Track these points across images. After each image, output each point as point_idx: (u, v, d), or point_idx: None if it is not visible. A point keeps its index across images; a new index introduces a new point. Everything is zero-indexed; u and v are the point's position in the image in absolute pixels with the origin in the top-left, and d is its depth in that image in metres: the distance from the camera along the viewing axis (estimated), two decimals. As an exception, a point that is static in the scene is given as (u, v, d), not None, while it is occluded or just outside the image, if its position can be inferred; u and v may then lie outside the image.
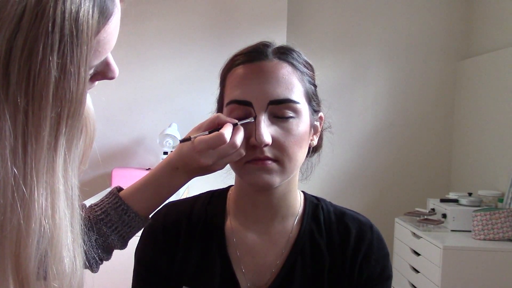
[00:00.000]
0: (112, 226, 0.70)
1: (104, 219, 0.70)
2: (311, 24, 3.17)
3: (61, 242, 0.40)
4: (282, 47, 0.75)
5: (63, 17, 0.37)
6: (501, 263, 2.18)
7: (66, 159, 0.40)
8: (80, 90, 0.40)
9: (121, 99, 2.84)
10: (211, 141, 0.65)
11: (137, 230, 0.73)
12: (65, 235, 0.41)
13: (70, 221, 0.42)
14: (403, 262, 2.64)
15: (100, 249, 0.70)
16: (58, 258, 0.40)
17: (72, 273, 0.41)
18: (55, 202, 0.40)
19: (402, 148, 3.22)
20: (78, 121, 0.41)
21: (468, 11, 3.19)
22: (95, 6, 0.39)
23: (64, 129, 0.39)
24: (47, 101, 0.37)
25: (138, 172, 2.73)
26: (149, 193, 0.72)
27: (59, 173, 0.40)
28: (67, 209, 0.41)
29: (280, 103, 0.69)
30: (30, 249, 0.38)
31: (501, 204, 2.50)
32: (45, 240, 0.39)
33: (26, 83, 0.36)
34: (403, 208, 2.89)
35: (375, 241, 0.77)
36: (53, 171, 0.39)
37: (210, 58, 2.80)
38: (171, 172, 0.71)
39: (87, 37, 0.39)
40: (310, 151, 0.79)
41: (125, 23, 2.08)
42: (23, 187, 0.37)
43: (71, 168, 0.41)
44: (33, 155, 0.38)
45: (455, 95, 3.22)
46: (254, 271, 0.76)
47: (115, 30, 0.44)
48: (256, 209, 0.77)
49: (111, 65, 0.48)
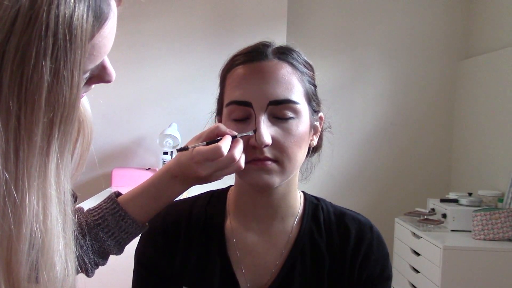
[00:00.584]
0: (109, 232, 0.69)
1: (101, 224, 0.69)
2: (311, 24, 3.16)
3: (52, 247, 0.40)
4: (282, 47, 0.75)
5: (57, 21, 0.36)
6: (501, 263, 2.18)
7: (59, 164, 0.40)
8: (74, 95, 0.39)
9: (121, 99, 2.84)
10: (208, 154, 0.64)
11: (134, 236, 0.73)
12: (57, 240, 0.40)
13: (62, 227, 0.41)
14: (403, 262, 2.64)
15: (96, 254, 0.69)
16: (50, 264, 0.40)
17: (63, 278, 0.41)
18: (47, 207, 0.39)
19: (402, 148, 3.22)
20: (71, 126, 0.40)
21: (468, 11, 3.19)
22: (90, 10, 0.39)
23: (57, 134, 0.39)
24: (40, 105, 0.37)
25: (138, 172, 2.73)
26: (147, 199, 0.72)
27: (51, 178, 0.39)
28: (59, 214, 0.41)
29: (280, 104, 0.69)
30: (21, 255, 0.38)
31: (501, 204, 2.50)
32: (36, 246, 0.39)
33: (18, 87, 0.36)
34: (403, 208, 2.89)
35: (375, 241, 0.77)
36: (45, 176, 0.39)
37: (210, 58, 2.80)
38: (170, 180, 0.71)
39: (81, 42, 0.38)
40: (310, 151, 0.79)
41: (125, 23, 2.08)
42: (14, 193, 0.37)
43: (63, 174, 0.41)
44: (25, 160, 0.37)
45: (455, 95, 3.22)
46: (254, 271, 0.76)
47: (111, 34, 0.43)
48: (256, 209, 0.77)
49: (108, 69, 0.47)
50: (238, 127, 0.70)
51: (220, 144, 0.64)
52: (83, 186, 2.63)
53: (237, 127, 0.70)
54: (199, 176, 0.67)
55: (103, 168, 2.81)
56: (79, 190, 0.62)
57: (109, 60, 0.47)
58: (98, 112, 2.88)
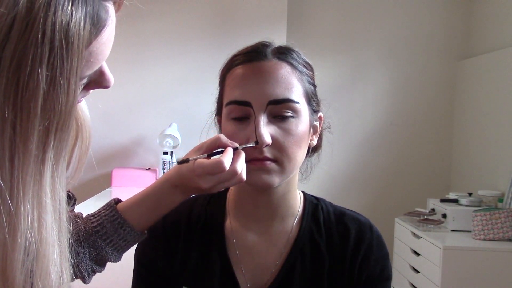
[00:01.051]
0: (107, 239, 0.69)
1: (100, 231, 0.69)
2: (311, 24, 3.17)
3: (47, 256, 0.40)
4: (281, 47, 0.75)
5: (53, 29, 0.36)
6: (501, 263, 2.18)
7: (54, 172, 0.40)
8: (70, 103, 0.39)
9: (121, 99, 2.84)
10: (210, 168, 0.64)
11: (132, 244, 0.72)
12: (52, 249, 0.40)
13: (57, 235, 0.41)
14: (403, 262, 2.64)
15: (93, 262, 0.69)
16: (45, 272, 0.40)
17: (58, 287, 0.41)
18: (42, 216, 0.39)
19: (402, 148, 3.22)
20: (66, 134, 0.40)
21: (468, 11, 3.19)
22: (87, 17, 0.38)
23: (52, 142, 0.39)
24: (35, 113, 0.37)
25: (138, 172, 2.73)
26: (147, 208, 0.71)
27: (47, 186, 0.39)
28: (55, 223, 0.41)
29: (279, 103, 0.69)
30: (16, 263, 0.38)
31: (501, 204, 2.50)
32: (31, 254, 0.38)
33: (14, 95, 0.36)
34: (403, 208, 2.89)
35: (375, 241, 0.77)
36: (40, 184, 0.38)
37: (210, 58, 2.80)
38: (170, 189, 0.70)
39: (78, 49, 0.38)
40: (310, 151, 0.79)
41: (126, 23, 2.08)
42: (9, 201, 0.36)
43: (58, 181, 0.40)
44: (20, 168, 0.37)
45: (455, 95, 3.22)
46: (253, 271, 0.76)
47: (108, 40, 0.43)
48: (255, 209, 0.77)
49: (106, 75, 0.47)
50: (238, 127, 0.70)
51: (222, 159, 0.63)
52: (83, 186, 2.63)
53: (236, 127, 0.70)
54: (200, 188, 0.67)
55: (103, 168, 2.81)
56: (79, 190, 0.62)
57: (107, 66, 0.46)
58: (98, 112, 2.88)
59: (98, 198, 2.33)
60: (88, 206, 1.93)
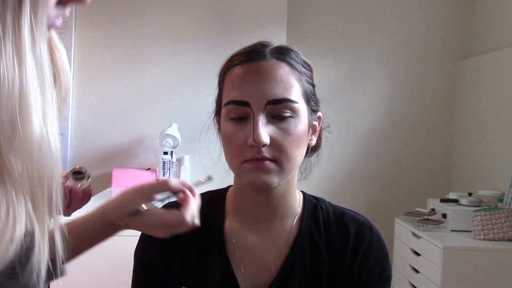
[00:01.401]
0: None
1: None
2: (311, 24, 3.17)
3: (29, 102, 0.38)
4: (280, 47, 0.75)
5: None
6: (501, 263, 2.18)
7: (32, 20, 0.38)
8: None
9: (121, 99, 2.84)
10: (173, 223, 0.68)
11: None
12: (34, 98, 0.38)
13: (39, 88, 0.39)
14: (403, 262, 2.64)
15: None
16: (27, 120, 0.38)
17: (41, 139, 0.39)
18: (22, 62, 0.37)
19: (402, 148, 3.22)
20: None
21: (468, 11, 3.19)
22: None
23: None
24: None
25: (138, 172, 2.73)
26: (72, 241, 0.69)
27: (25, 33, 0.37)
28: (36, 72, 0.39)
29: (278, 103, 0.69)
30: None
31: (501, 204, 2.50)
32: (14, 98, 0.37)
33: None
34: (403, 208, 2.89)
35: (375, 241, 0.78)
36: (19, 30, 0.37)
37: (210, 58, 2.80)
38: (107, 227, 0.70)
39: None
40: (309, 151, 0.79)
41: (125, 23, 2.09)
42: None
43: (38, 32, 0.39)
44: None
45: (455, 95, 3.22)
46: (253, 271, 0.76)
47: None
48: (255, 209, 0.77)
49: None
50: (237, 127, 0.70)
51: (185, 215, 0.67)
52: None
53: (235, 127, 0.70)
54: (148, 232, 0.69)
55: (103, 168, 2.81)
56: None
57: None
58: (98, 112, 2.88)
59: (98, 198, 2.33)
60: (88, 206, 1.92)
